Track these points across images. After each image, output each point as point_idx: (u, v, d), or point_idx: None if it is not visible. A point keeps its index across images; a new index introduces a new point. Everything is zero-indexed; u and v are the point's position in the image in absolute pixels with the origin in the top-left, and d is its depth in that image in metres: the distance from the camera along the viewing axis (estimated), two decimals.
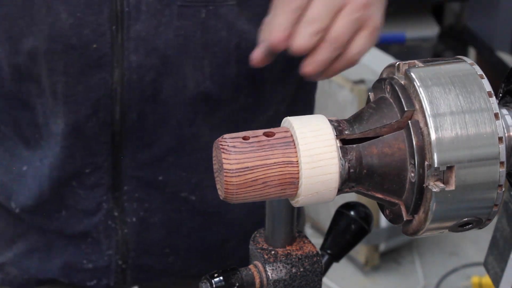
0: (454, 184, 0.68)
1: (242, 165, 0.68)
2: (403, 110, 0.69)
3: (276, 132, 0.70)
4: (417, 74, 0.69)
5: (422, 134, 0.68)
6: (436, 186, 0.67)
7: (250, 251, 0.85)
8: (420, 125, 0.68)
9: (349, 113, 2.65)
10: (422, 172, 0.68)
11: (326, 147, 0.69)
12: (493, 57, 3.18)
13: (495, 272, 0.98)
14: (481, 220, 0.71)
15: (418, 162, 0.68)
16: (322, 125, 0.70)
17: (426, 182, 0.68)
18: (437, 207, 0.68)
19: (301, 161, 0.68)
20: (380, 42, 1.03)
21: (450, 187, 0.68)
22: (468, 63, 0.71)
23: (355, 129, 0.70)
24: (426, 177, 0.68)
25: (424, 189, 0.69)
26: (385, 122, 0.70)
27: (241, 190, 0.68)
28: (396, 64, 0.71)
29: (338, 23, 0.87)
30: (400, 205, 0.72)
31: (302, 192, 0.69)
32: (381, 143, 0.70)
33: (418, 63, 0.71)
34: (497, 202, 0.69)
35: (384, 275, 2.66)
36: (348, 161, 0.70)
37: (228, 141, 0.69)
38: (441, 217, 0.70)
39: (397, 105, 0.70)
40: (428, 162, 0.67)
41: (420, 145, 0.68)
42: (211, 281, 0.80)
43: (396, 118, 0.70)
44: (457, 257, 2.72)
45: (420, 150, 0.68)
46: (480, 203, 0.70)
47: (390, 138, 0.70)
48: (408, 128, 0.68)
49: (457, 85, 0.69)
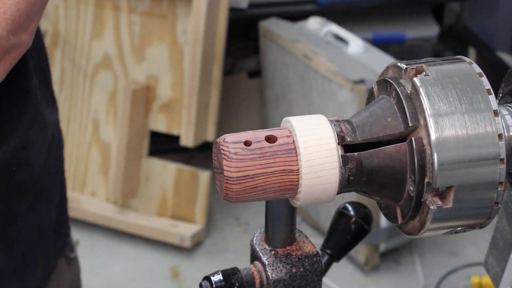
0: (452, 202, 0.68)
1: (243, 173, 0.68)
2: (407, 123, 0.68)
3: (278, 137, 0.69)
4: (424, 88, 0.68)
5: (425, 152, 0.67)
6: (434, 203, 0.68)
7: (250, 251, 0.85)
8: (423, 142, 0.68)
9: (349, 113, 2.65)
10: (421, 188, 0.68)
11: (328, 157, 0.69)
12: (493, 57, 3.18)
13: (495, 272, 0.98)
14: (476, 226, 0.72)
15: (418, 180, 0.68)
16: (325, 133, 0.69)
17: (424, 197, 0.68)
18: (433, 221, 0.69)
19: (302, 171, 0.68)
20: (380, 42, 1.03)
21: (447, 204, 0.68)
22: (475, 72, 0.70)
23: (357, 135, 0.70)
24: (425, 192, 0.68)
25: (422, 203, 0.69)
26: (388, 132, 0.70)
27: (241, 195, 0.69)
28: (403, 68, 0.70)
29: None
30: (396, 208, 0.72)
31: (301, 197, 0.70)
32: (382, 154, 0.69)
33: (425, 68, 0.70)
34: (498, 199, 0.69)
35: (384, 275, 2.66)
36: (348, 170, 0.69)
37: (230, 147, 0.68)
38: (436, 228, 0.70)
39: (402, 115, 0.69)
40: (428, 180, 0.67)
41: (422, 164, 0.68)
42: (211, 281, 0.80)
43: (399, 128, 0.69)
44: (457, 257, 2.72)
45: (421, 168, 0.68)
46: (478, 210, 0.70)
47: (392, 150, 0.69)
48: (411, 144, 0.68)
49: (463, 102, 0.68)
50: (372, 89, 0.74)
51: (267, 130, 0.70)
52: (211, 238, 2.81)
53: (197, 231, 2.71)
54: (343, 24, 2.83)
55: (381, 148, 0.69)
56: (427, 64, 0.71)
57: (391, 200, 0.72)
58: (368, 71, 2.49)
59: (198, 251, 2.75)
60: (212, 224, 2.86)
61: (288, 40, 2.74)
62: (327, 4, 3.15)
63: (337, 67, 2.53)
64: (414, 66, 0.70)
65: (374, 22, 3.30)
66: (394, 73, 0.72)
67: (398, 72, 0.71)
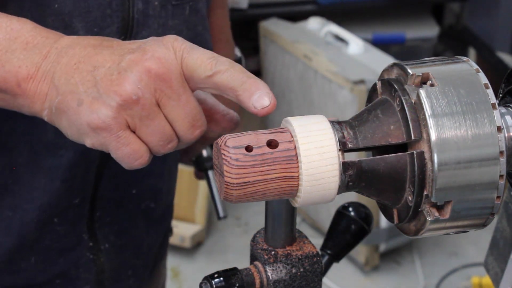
0: (449, 215, 0.68)
1: (243, 179, 0.68)
2: (409, 135, 0.68)
3: (280, 142, 0.69)
4: (429, 102, 0.67)
5: (425, 167, 0.67)
6: (431, 214, 0.68)
7: (250, 251, 0.84)
8: (424, 156, 0.68)
9: (349, 113, 2.65)
10: (419, 199, 0.68)
11: (329, 165, 0.68)
12: (493, 57, 3.18)
13: (495, 272, 0.98)
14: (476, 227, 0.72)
15: (417, 192, 0.68)
16: (327, 140, 0.69)
17: (422, 207, 0.68)
18: (429, 230, 0.69)
19: (302, 178, 0.68)
20: (380, 42, 1.02)
21: (444, 216, 0.68)
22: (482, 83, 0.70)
23: (359, 142, 0.70)
24: (423, 203, 0.68)
25: (419, 212, 0.69)
26: (390, 141, 0.69)
27: (240, 199, 0.69)
28: (409, 73, 0.69)
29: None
30: (394, 210, 0.72)
31: (300, 201, 0.70)
32: (383, 162, 0.69)
33: (431, 77, 0.69)
34: (499, 194, 0.69)
35: (384, 275, 2.66)
36: (348, 176, 0.69)
37: (231, 152, 0.68)
38: (432, 233, 0.71)
39: (404, 125, 0.69)
40: (427, 193, 0.67)
41: (422, 178, 0.68)
42: (211, 282, 0.80)
43: (401, 138, 0.69)
44: (457, 257, 2.72)
45: (421, 182, 0.68)
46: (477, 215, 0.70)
47: (393, 159, 0.69)
48: (412, 156, 0.68)
49: (468, 118, 0.67)
50: (375, 86, 0.73)
51: (268, 132, 0.70)
52: (211, 238, 2.81)
53: (197, 232, 2.71)
54: (343, 24, 2.83)
55: (382, 157, 0.69)
56: (430, 65, 0.70)
57: (389, 203, 0.72)
58: (368, 71, 2.49)
59: (198, 252, 2.75)
60: (212, 224, 2.86)
61: (288, 40, 2.74)
62: (327, 4, 3.16)
63: (337, 67, 2.53)
64: (420, 73, 0.69)
65: (374, 22, 3.30)
66: (398, 75, 0.71)
67: (403, 75, 0.70)
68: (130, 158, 0.76)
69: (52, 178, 0.99)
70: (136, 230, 1.13)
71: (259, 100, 0.73)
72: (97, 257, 1.08)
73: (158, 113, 0.75)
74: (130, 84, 0.74)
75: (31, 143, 0.97)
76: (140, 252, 1.15)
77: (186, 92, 0.76)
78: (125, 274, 1.14)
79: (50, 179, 0.99)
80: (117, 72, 0.74)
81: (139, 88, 0.74)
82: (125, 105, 0.74)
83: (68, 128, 0.78)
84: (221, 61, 0.75)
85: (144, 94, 0.74)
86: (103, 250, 1.08)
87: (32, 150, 0.98)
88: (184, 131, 0.77)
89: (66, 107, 0.76)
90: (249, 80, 0.74)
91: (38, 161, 0.98)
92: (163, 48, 0.75)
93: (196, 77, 0.76)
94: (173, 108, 0.76)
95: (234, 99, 0.75)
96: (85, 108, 0.75)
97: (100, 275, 1.09)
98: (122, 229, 1.10)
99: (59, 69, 0.77)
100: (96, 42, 0.78)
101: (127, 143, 0.76)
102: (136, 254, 1.14)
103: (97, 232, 1.07)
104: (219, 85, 0.75)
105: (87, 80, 0.75)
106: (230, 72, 0.75)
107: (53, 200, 1.01)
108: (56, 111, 0.77)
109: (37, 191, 1.00)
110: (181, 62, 0.76)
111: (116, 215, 1.08)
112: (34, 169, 0.99)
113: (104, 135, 0.75)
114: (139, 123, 0.75)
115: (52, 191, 1.00)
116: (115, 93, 0.74)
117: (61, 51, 0.78)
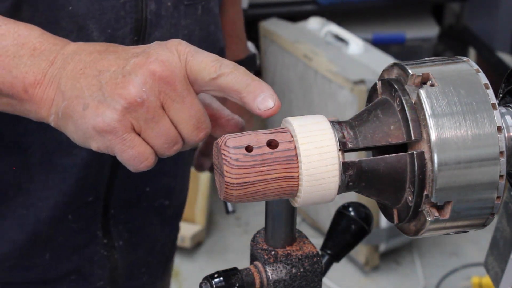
0: (449, 215, 0.68)
1: (243, 179, 0.68)
2: (410, 135, 0.68)
3: (280, 142, 0.69)
4: (429, 102, 0.67)
5: (425, 167, 0.67)
6: (431, 214, 0.68)
7: (250, 251, 0.84)
8: (424, 156, 0.67)
9: (349, 113, 2.65)
10: (419, 200, 0.68)
11: (329, 165, 0.68)
12: (493, 57, 3.18)
13: (495, 272, 0.98)
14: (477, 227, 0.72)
15: (417, 192, 0.68)
16: (327, 140, 0.69)
17: (422, 207, 0.68)
18: (429, 230, 0.69)
19: (302, 178, 0.68)
20: (380, 42, 1.02)
21: (444, 216, 0.68)
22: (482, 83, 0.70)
23: (359, 142, 0.70)
24: (423, 203, 0.68)
25: (419, 212, 0.69)
26: (390, 141, 0.69)
27: (240, 199, 0.69)
28: (409, 74, 0.69)
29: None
30: (394, 210, 0.72)
31: (300, 201, 0.70)
32: (383, 163, 0.69)
33: (432, 77, 0.69)
34: (499, 194, 0.69)
35: (384, 275, 2.66)
36: (348, 176, 0.69)
37: (231, 152, 0.68)
38: (432, 233, 0.71)
39: (405, 125, 0.69)
40: (427, 193, 0.67)
41: (422, 178, 0.68)
42: (211, 282, 0.80)
43: (401, 138, 0.69)
44: (457, 257, 2.72)
45: (421, 182, 0.68)
46: (477, 214, 0.70)
47: (393, 159, 0.69)
48: (412, 156, 0.68)
49: (468, 119, 0.68)
50: (376, 86, 0.73)
51: (268, 132, 0.70)
52: (211, 238, 2.81)
53: (197, 232, 2.71)
54: (343, 24, 2.83)
55: (382, 157, 0.69)
56: (430, 65, 0.70)
57: (389, 203, 0.72)
58: (368, 72, 2.49)
59: (198, 251, 2.75)
60: (212, 224, 2.86)
61: (288, 40, 2.74)
62: (327, 4, 3.16)
63: (337, 67, 2.53)
64: (420, 73, 0.69)
65: (374, 22, 3.30)
66: (399, 75, 0.71)
67: (403, 75, 0.70)
68: (135, 160, 0.76)
69: (65, 177, 1.00)
70: (150, 228, 1.13)
71: (263, 102, 0.74)
72: (111, 254, 1.09)
73: (163, 115, 0.76)
74: (134, 87, 0.74)
75: (45, 142, 0.98)
76: (153, 249, 1.16)
77: (191, 94, 0.76)
78: (138, 271, 1.15)
79: (63, 178, 1.00)
80: (122, 76, 0.75)
81: (143, 91, 0.74)
82: (130, 108, 0.74)
83: (74, 132, 0.78)
84: (225, 64, 0.76)
85: (149, 97, 0.74)
86: (117, 247, 1.09)
87: (46, 149, 0.98)
88: (189, 133, 0.77)
89: (72, 111, 0.77)
90: (253, 82, 0.75)
91: (52, 160, 0.99)
92: (167, 52, 0.76)
93: (200, 80, 0.76)
94: (178, 110, 0.76)
95: (238, 101, 0.75)
96: (90, 112, 0.75)
97: (114, 272, 1.10)
98: (136, 226, 1.11)
99: (65, 75, 0.77)
100: (102, 48, 0.79)
101: (132, 145, 0.76)
102: (149, 252, 1.15)
103: (112, 229, 1.08)
104: (224, 88, 0.75)
105: (93, 85, 0.76)
106: (234, 74, 0.75)
107: (67, 198, 1.01)
108: (63, 116, 0.78)
109: (51, 189, 1.01)
110: (185, 65, 0.76)
111: (130, 213, 1.09)
112: (48, 168, 0.99)
113: (109, 138, 0.75)
114: (144, 126, 0.75)
115: (65, 189, 1.01)
116: (120, 96, 0.74)
117: (67, 57, 0.78)
